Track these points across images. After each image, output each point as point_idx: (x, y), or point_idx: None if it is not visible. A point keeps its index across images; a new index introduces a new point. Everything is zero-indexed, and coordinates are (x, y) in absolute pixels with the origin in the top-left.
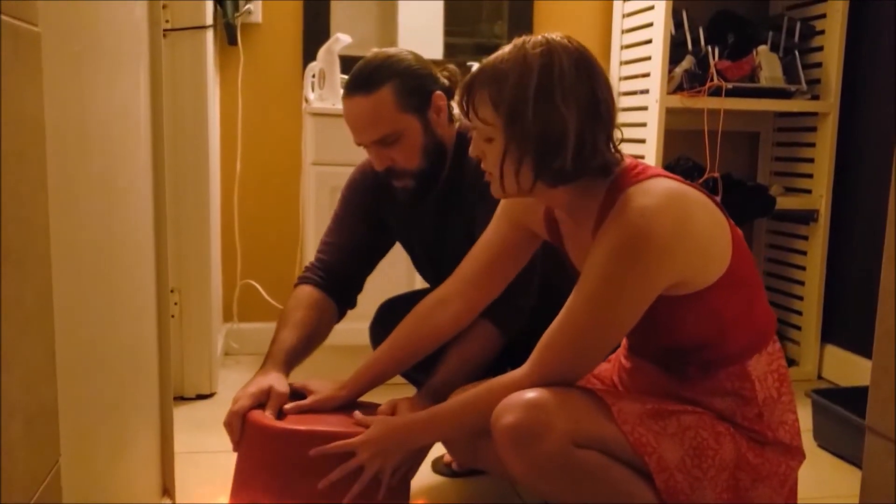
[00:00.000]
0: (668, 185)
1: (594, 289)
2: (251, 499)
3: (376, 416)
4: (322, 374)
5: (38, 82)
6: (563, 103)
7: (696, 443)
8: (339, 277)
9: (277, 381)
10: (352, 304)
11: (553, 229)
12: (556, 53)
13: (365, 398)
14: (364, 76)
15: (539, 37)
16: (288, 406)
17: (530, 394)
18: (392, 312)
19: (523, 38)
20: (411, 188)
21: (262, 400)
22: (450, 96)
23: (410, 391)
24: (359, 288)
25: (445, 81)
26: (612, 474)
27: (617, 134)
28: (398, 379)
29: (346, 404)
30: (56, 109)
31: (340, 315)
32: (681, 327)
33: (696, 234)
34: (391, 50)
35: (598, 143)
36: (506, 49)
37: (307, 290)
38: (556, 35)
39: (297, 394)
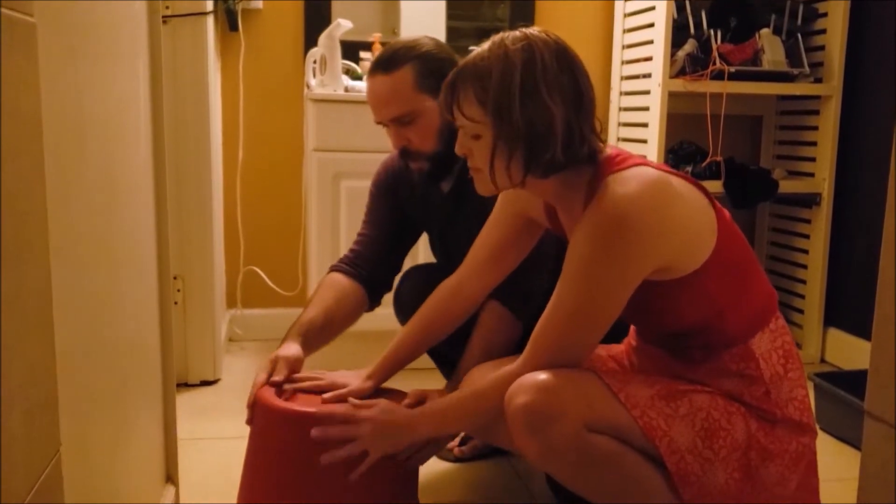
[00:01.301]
0: (645, 173)
1: (577, 278)
2: (259, 481)
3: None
4: (345, 360)
5: (35, 74)
6: (549, 96)
7: (707, 424)
8: (369, 265)
9: (288, 349)
10: (387, 287)
11: (553, 218)
12: (537, 47)
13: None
14: (386, 57)
15: (517, 32)
16: (327, 395)
17: (543, 376)
18: (415, 278)
19: (501, 34)
20: (426, 170)
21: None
22: None
23: (427, 377)
24: (394, 270)
25: None
26: (624, 459)
27: (597, 124)
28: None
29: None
30: (53, 101)
31: (372, 300)
32: (677, 312)
33: (675, 218)
34: (414, 36)
35: (584, 132)
36: (485, 46)
37: (332, 276)
38: (533, 29)
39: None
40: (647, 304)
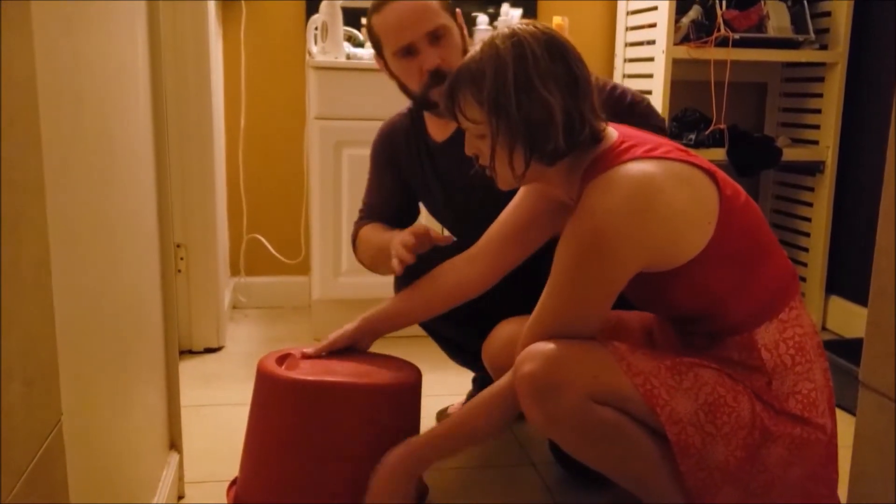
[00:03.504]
0: (634, 174)
1: (558, 291)
2: (260, 449)
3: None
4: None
5: (29, 45)
6: (544, 87)
7: (711, 399)
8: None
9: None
10: None
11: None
12: (526, 41)
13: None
14: None
15: (505, 29)
16: (308, 350)
17: (551, 345)
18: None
19: (491, 34)
20: None
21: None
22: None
23: (414, 345)
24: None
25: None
26: (625, 431)
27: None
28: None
29: (356, 340)
30: (49, 72)
31: None
32: (674, 301)
33: (661, 220)
34: None
35: (585, 115)
36: (477, 48)
37: (367, 224)
38: (522, 23)
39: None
40: (644, 292)
